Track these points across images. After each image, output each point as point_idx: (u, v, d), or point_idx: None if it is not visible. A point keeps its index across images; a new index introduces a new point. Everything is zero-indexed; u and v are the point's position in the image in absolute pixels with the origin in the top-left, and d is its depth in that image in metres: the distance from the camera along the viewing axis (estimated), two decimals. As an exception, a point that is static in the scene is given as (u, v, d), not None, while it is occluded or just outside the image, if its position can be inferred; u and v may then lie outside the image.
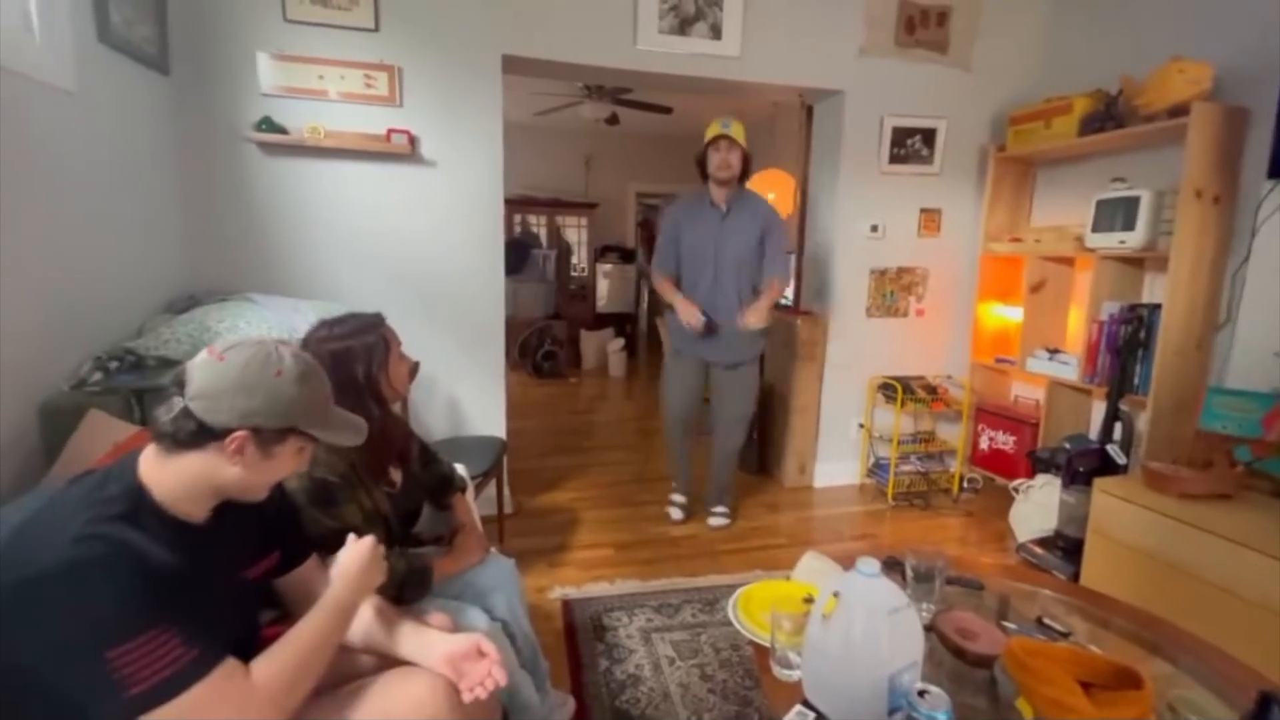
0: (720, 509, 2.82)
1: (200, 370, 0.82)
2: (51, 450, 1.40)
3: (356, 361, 1.26)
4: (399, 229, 2.56)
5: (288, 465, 0.91)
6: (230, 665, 0.79)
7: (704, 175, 2.56)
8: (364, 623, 1.04)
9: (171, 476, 0.82)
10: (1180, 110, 2.24)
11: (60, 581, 0.71)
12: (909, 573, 1.29)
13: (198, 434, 0.81)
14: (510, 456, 2.72)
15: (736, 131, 2.44)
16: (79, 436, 1.37)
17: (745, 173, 2.54)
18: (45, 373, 1.54)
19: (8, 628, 0.72)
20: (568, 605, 2.12)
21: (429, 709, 0.95)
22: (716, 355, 2.65)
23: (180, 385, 0.82)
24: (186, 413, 0.81)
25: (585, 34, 2.61)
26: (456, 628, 1.13)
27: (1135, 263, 2.57)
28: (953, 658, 1.15)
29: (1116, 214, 2.44)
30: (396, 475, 1.39)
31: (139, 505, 0.80)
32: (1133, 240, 2.39)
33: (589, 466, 3.51)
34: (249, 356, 0.84)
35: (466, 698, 0.98)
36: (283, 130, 2.32)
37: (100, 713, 0.73)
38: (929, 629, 1.16)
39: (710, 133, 2.47)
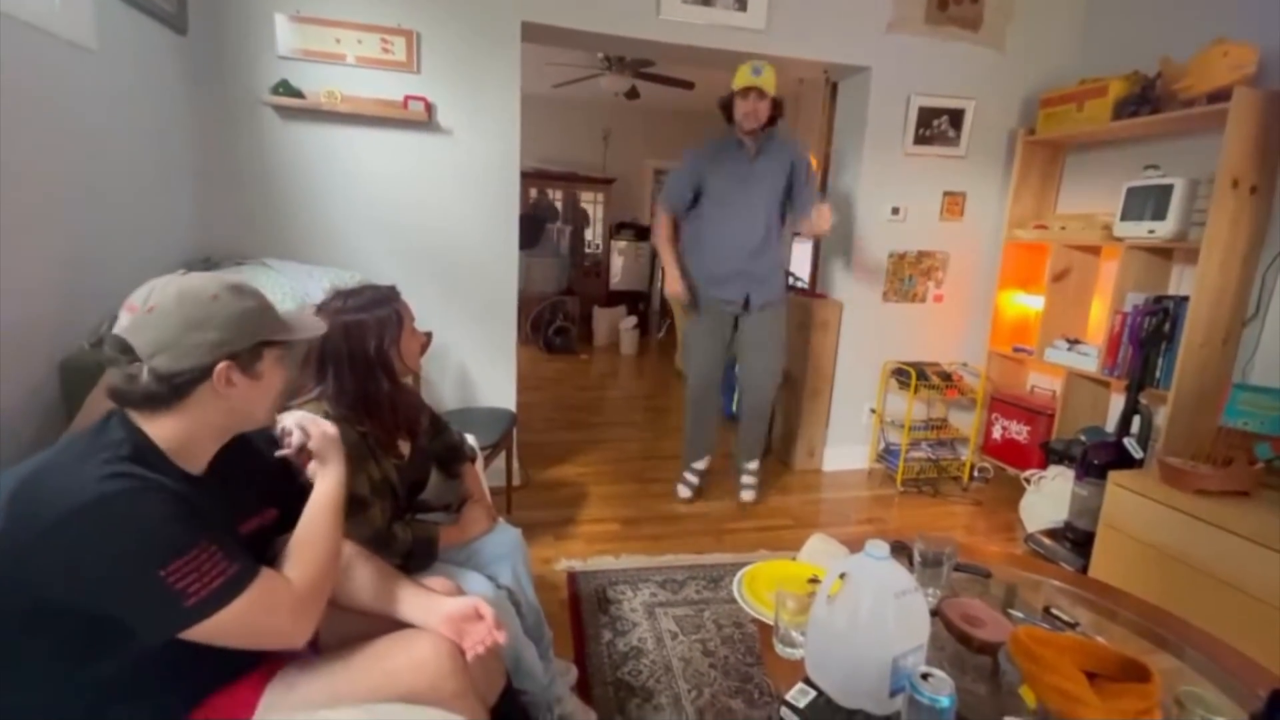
0: (750, 478, 2.79)
1: (138, 331, 0.79)
2: (72, 406, 1.42)
3: (369, 335, 1.26)
4: (414, 197, 2.54)
5: (275, 379, 0.91)
6: (271, 571, 0.83)
7: (729, 119, 2.47)
8: (367, 585, 1.05)
9: (169, 429, 0.83)
10: (1221, 95, 2.16)
11: (98, 514, 0.72)
12: (916, 557, 1.28)
13: (180, 385, 0.80)
14: (520, 429, 2.73)
15: (767, 81, 2.32)
16: (97, 393, 1.38)
17: (774, 120, 2.45)
18: (66, 330, 1.55)
19: (42, 567, 0.73)
20: (573, 577, 2.15)
21: (432, 669, 0.96)
22: (750, 291, 2.54)
23: (128, 354, 0.79)
24: (155, 373, 0.79)
25: (607, 2, 2.55)
26: (459, 592, 1.14)
27: (1163, 253, 2.51)
28: (955, 643, 1.14)
29: (1147, 202, 2.38)
30: (404, 447, 1.39)
31: (145, 449, 0.81)
32: (1163, 230, 2.33)
33: (598, 442, 3.53)
34: (177, 294, 0.81)
35: (470, 655, 1.00)
36: (299, 94, 2.30)
37: (160, 627, 0.76)
38: (934, 614, 1.16)
39: (739, 80, 2.35)
